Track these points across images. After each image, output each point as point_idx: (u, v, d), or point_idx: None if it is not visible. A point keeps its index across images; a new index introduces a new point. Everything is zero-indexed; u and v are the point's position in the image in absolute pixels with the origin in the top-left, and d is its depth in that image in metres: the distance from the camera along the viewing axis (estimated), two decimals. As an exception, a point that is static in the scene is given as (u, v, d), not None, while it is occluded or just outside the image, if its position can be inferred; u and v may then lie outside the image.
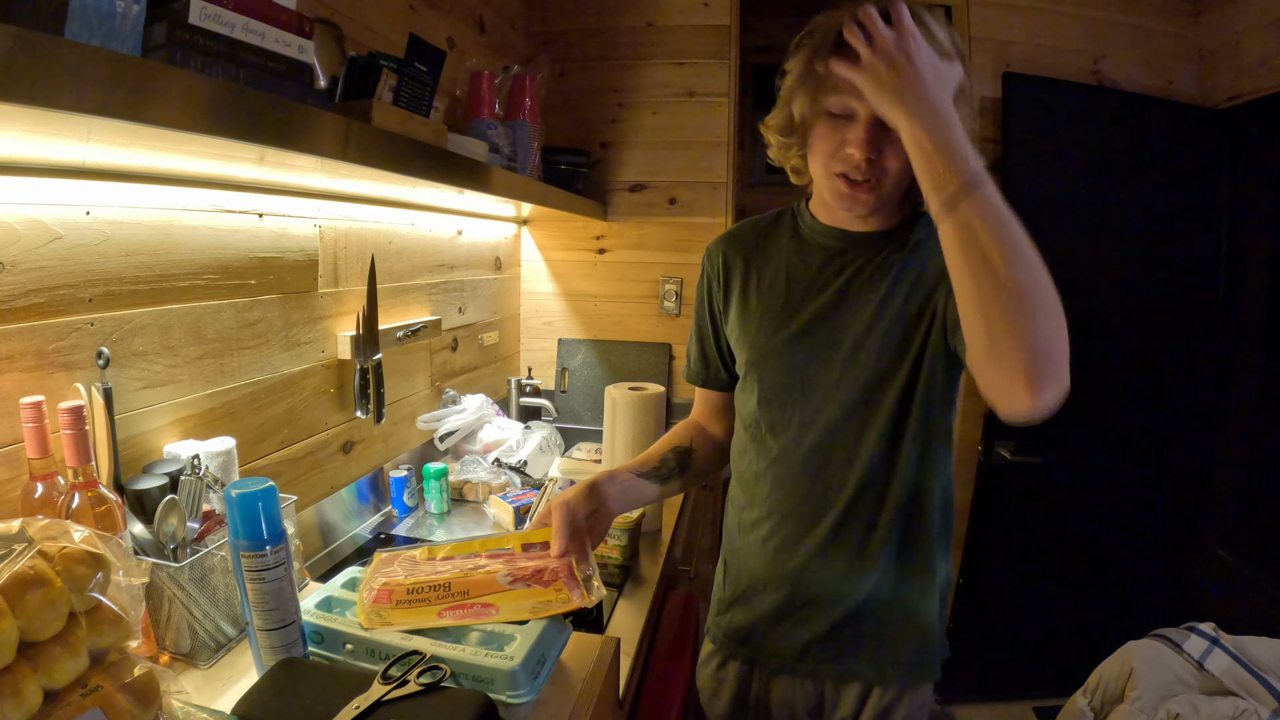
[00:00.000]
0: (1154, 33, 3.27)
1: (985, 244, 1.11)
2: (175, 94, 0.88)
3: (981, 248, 1.11)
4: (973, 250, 1.12)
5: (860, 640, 1.56)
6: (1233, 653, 2.15)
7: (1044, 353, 1.19)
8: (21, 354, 1.22)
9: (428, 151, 1.58)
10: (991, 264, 1.11)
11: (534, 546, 1.39)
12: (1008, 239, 1.11)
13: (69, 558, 0.88)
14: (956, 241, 1.13)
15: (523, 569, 1.33)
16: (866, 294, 1.46)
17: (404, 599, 1.25)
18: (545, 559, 1.35)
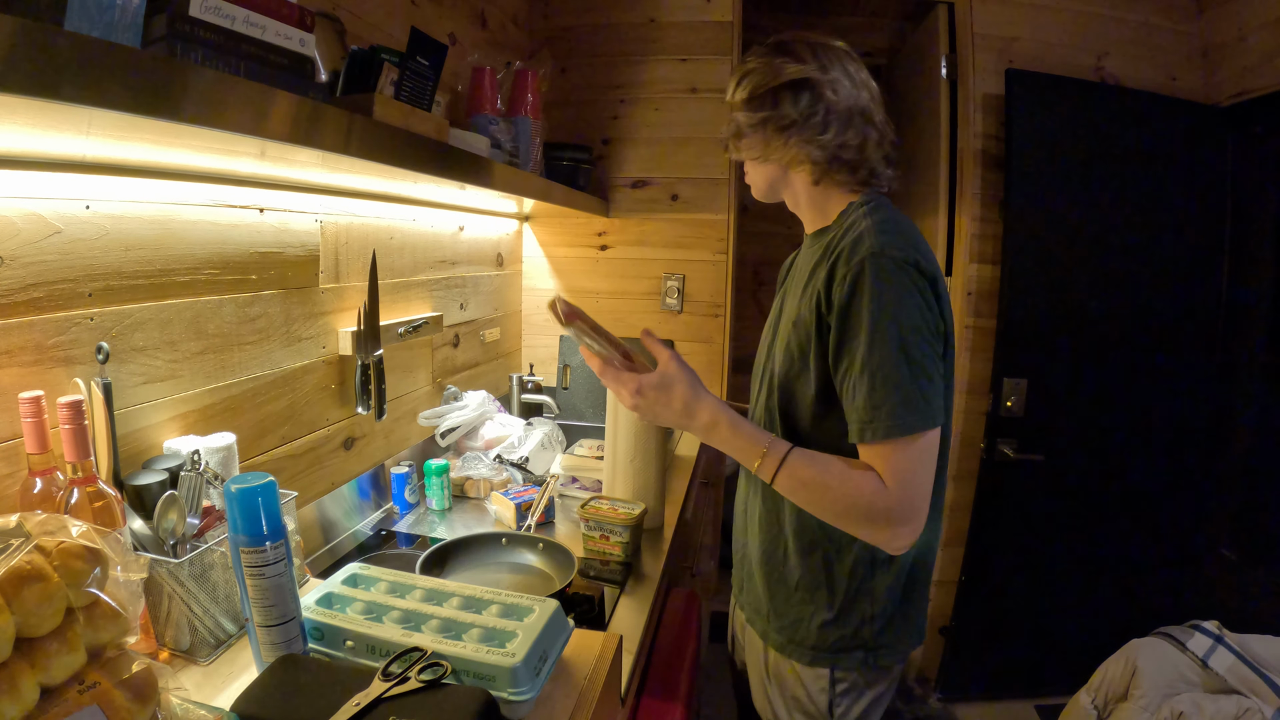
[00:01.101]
0: (1157, 30, 3.26)
1: (798, 500, 1.46)
2: (175, 86, 0.87)
3: (809, 505, 1.45)
4: (795, 499, 1.46)
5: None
6: (1237, 651, 2.14)
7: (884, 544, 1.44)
8: (21, 349, 1.22)
9: (429, 146, 1.57)
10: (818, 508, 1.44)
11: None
12: (812, 504, 1.44)
13: (66, 553, 0.87)
14: (793, 497, 1.46)
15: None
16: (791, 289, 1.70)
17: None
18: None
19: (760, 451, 1.41)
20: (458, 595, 1.31)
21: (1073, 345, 3.25)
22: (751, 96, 1.54)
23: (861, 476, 1.36)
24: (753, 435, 1.44)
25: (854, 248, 1.40)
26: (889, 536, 1.39)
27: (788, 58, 1.51)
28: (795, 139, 1.51)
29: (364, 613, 1.26)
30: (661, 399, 1.45)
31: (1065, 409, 3.29)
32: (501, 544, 1.91)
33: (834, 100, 1.49)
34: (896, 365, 1.33)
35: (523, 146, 2.46)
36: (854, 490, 1.36)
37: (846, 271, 1.38)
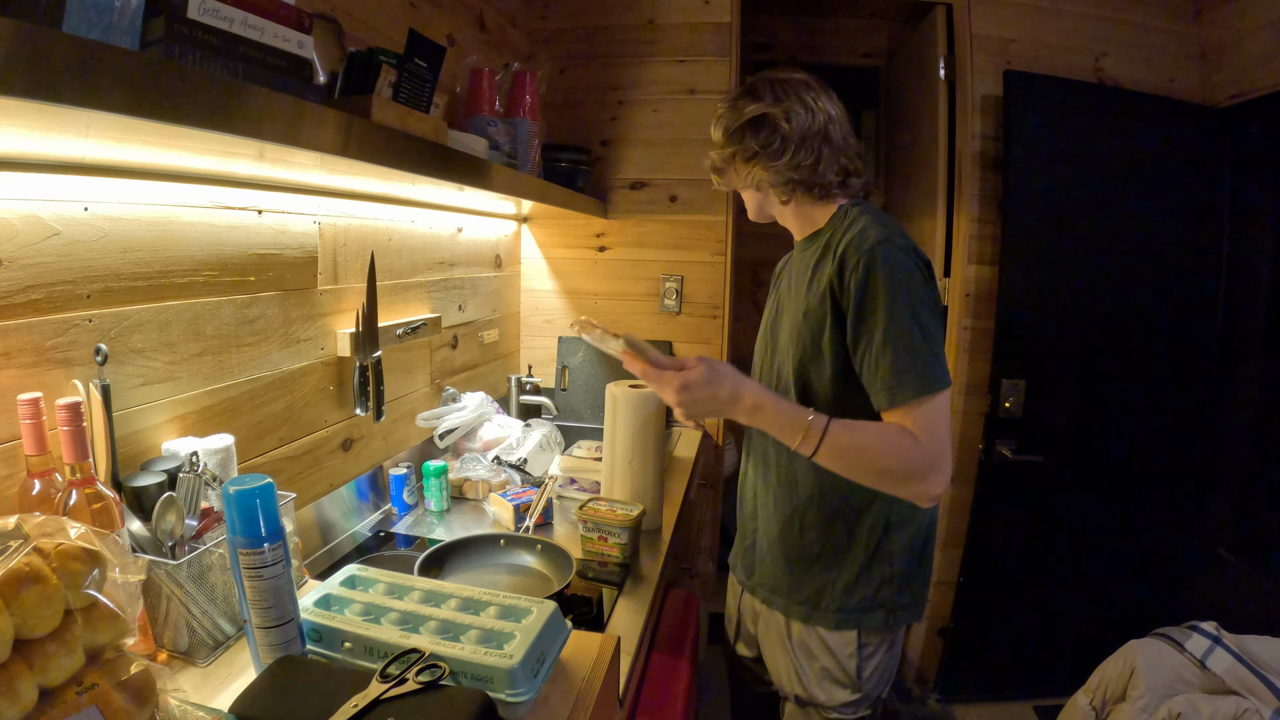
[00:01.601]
0: (1155, 31, 3.26)
1: (849, 473, 1.59)
2: (173, 89, 0.87)
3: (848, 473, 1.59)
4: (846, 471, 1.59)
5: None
6: (1235, 651, 2.15)
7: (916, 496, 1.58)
8: (19, 350, 1.22)
9: (427, 148, 1.57)
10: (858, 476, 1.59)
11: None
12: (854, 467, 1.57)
13: (65, 554, 0.87)
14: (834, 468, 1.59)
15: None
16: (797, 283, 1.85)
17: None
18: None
19: (804, 425, 1.54)
20: (456, 597, 1.31)
21: (1071, 346, 3.25)
22: (723, 135, 1.82)
23: (897, 433, 1.54)
24: (795, 411, 1.58)
25: (860, 240, 1.61)
26: (925, 487, 1.54)
27: (749, 98, 1.76)
28: (758, 166, 1.76)
29: (362, 614, 1.26)
30: (709, 391, 1.56)
31: (1064, 410, 3.29)
32: (500, 545, 1.91)
33: (788, 129, 1.71)
34: (913, 335, 1.53)
35: (521, 148, 2.46)
36: (892, 447, 1.53)
37: (859, 260, 1.58)
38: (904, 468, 1.54)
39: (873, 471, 1.56)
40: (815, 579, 1.80)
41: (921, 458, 1.52)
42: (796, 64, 4.26)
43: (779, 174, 1.74)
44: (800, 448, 1.56)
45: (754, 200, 1.91)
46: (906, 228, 3.62)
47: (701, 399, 1.56)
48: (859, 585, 1.76)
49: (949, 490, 3.39)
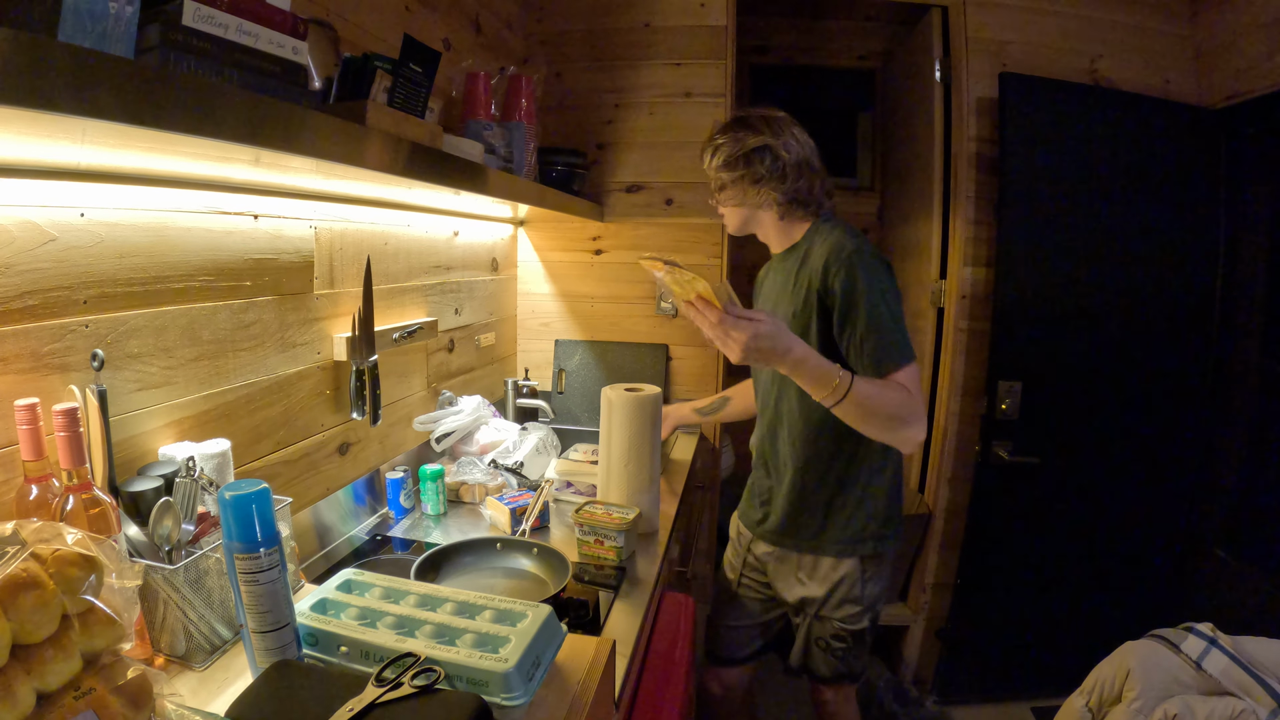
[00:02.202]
0: (1151, 32, 3.27)
1: (859, 420, 1.93)
2: (169, 96, 0.88)
3: (857, 420, 1.93)
4: (852, 420, 1.93)
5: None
6: (1231, 653, 2.15)
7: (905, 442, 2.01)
8: (16, 356, 1.22)
9: (423, 153, 1.57)
10: (868, 424, 1.94)
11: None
12: (870, 415, 1.91)
13: (62, 560, 0.88)
14: (844, 417, 1.93)
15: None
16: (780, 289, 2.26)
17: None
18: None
19: (835, 379, 1.84)
20: (451, 601, 1.31)
21: (1067, 347, 3.26)
22: (725, 162, 2.20)
23: (897, 387, 1.92)
24: (829, 365, 1.86)
25: (839, 249, 2.02)
26: (913, 432, 1.94)
27: (748, 131, 2.16)
28: (765, 188, 2.17)
29: (358, 618, 1.26)
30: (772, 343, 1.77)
31: (1060, 411, 3.29)
32: (496, 549, 1.91)
33: (787, 157, 2.14)
34: (888, 321, 1.96)
35: (517, 152, 2.46)
36: (896, 397, 1.91)
37: (840, 266, 1.99)
38: (902, 414, 1.91)
39: (880, 417, 1.91)
40: (817, 521, 2.25)
41: (913, 407, 1.92)
42: (792, 66, 4.30)
43: (784, 195, 2.17)
44: (827, 399, 1.86)
45: (739, 217, 2.30)
46: (903, 230, 3.66)
47: (764, 348, 1.76)
48: (852, 522, 2.22)
49: (946, 492, 3.43)
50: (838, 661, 2.35)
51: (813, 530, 2.26)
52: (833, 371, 1.85)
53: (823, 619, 2.31)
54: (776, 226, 2.27)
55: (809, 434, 2.20)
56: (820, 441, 2.19)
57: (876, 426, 1.94)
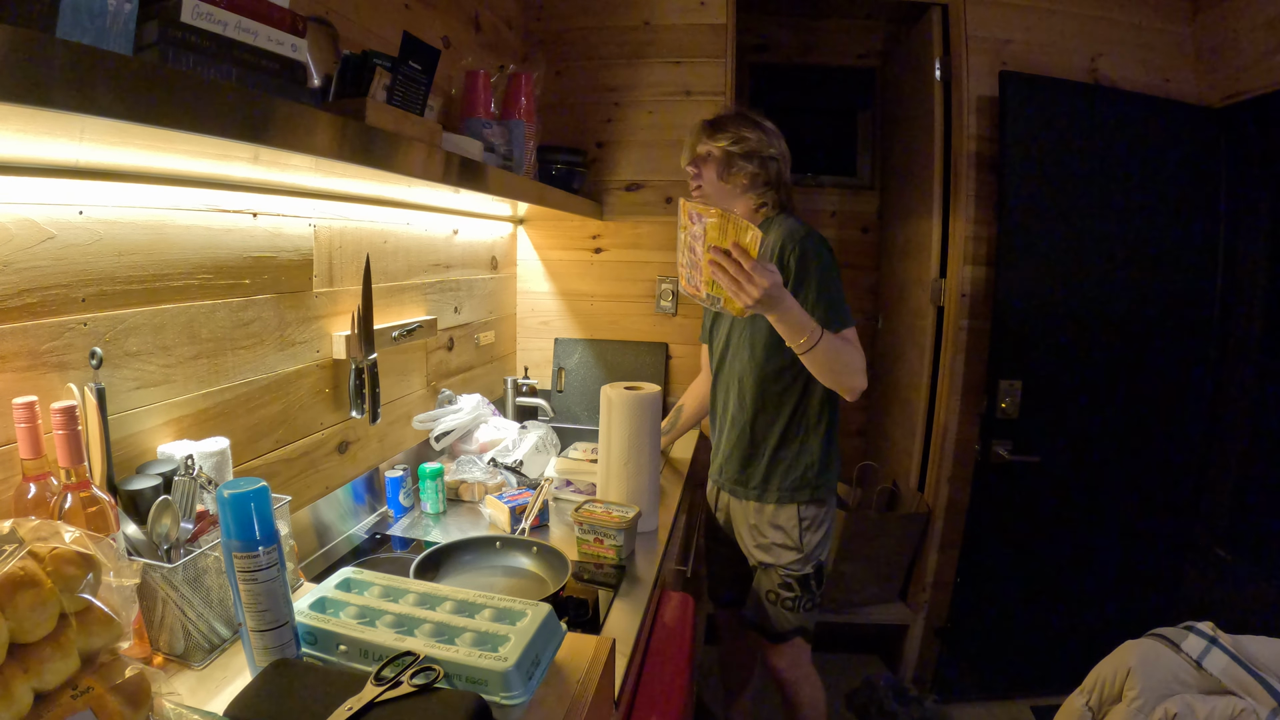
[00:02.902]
0: (1151, 31, 3.27)
1: (822, 366, 2.15)
2: (168, 92, 0.87)
3: (821, 366, 2.15)
4: (817, 366, 2.15)
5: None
6: (1231, 652, 2.14)
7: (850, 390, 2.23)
8: (14, 354, 1.22)
9: (422, 151, 1.57)
10: (828, 371, 2.18)
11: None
12: (832, 362, 2.14)
13: (59, 558, 0.87)
14: (810, 363, 2.14)
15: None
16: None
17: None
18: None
19: (811, 328, 2.06)
20: (450, 599, 1.31)
21: (1067, 346, 3.26)
22: (746, 154, 2.40)
23: (848, 342, 2.20)
24: (808, 317, 2.07)
25: (792, 233, 2.31)
26: (859, 380, 2.20)
27: (770, 137, 2.42)
28: (771, 192, 2.46)
29: (357, 617, 1.26)
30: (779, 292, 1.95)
31: (1060, 410, 3.29)
32: (496, 547, 1.91)
33: (783, 170, 2.46)
34: (835, 291, 2.26)
35: (516, 150, 2.46)
36: (850, 349, 2.19)
37: (794, 247, 2.27)
38: (854, 364, 2.18)
39: (838, 364, 2.15)
40: (760, 471, 2.51)
41: (861, 361, 2.20)
42: (792, 65, 4.30)
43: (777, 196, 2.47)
44: (802, 345, 2.06)
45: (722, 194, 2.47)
46: (903, 228, 3.67)
47: (775, 296, 1.92)
48: (790, 471, 2.47)
49: (946, 491, 3.42)
50: (787, 613, 2.53)
51: (758, 479, 2.51)
52: (811, 322, 2.07)
53: (768, 568, 2.54)
54: (748, 211, 2.50)
55: (756, 392, 2.46)
56: (766, 398, 2.46)
57: (833, 373, 2.18)
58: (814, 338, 2.07)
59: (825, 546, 2.56)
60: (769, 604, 2.55)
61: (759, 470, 2.51)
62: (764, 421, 2.49)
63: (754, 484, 2.53)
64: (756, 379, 2.46)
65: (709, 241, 1.91)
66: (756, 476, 2.52)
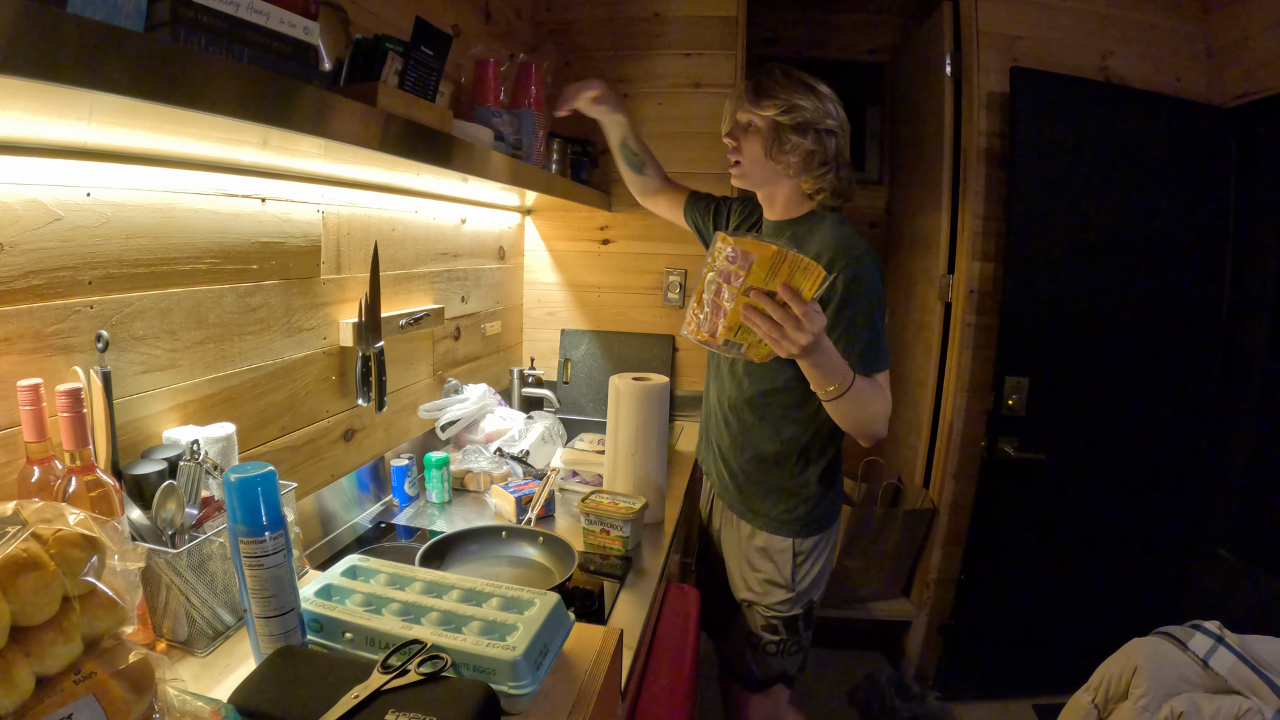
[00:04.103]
0: (1163, 30, 3.25)
1: (845, 415, 1.91)
2: (178, 71, 0.86)
3: (844, 414, 1.91)
4: (840, 413, 1.91)
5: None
6: (1237, 651, 2.14)
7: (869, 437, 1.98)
8: (20, 336, 1.21)
9: (432, 136, 1.56)
10: (849, 418, 1.93)
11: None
12: (857, 412, 1.89)
13: (63, 541, 0.87)
14: (834, 410, 1.90)
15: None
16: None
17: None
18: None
19: (844, 375, 1.80)
20: (458, 588, 1.30)
21: (1075, 344, 3.25)
22: (798, 125, 2.02)
23: (879, 388, 1.95)
24: (842, 361, 1.80)
25: (847, 247, 1.98)
26: (881, 429, 1.96)
27: (830, 105, 2.07)
28: (830, 176, 2.08)
29: (363, 605, 1.26)
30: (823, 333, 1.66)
31: (1067, 408, 3.28)
32: (501, 537, 1.90)
33: (843, 146, 2.09)
34: (881, 328, 2.00)
35: (526, 139, 2.44)
36: (879, 398, 1.94)
37: (848, 264, 1.94)
38: (881, 414, 1.95)
39: (864, 415, 1.91)
40: (754, 493, 2.26)
41: (888, 408, 1.97)
42: (802, 59, 4.27)
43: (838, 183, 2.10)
44: (829, 392, 1.82)
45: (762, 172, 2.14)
46: (911, 224, 3.65)
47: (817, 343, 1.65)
48: (787, 498, 2.21)
49: (951, 487, 3.41)
50: (769, 658, 2.31)
51: (751, 500, 2.27)
52: (844, 368, 1.80)
53: (752, 607, 2.31)
54: (789, 198, 2.16)
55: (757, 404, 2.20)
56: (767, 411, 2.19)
57: (854, 421, 1.93)
58: (844, 385, 1.80)
59: (822, 581, 2.30)
60: (749, 648, 2.33)
61: (753, 492, 2.27)
62: (762, 437, 2.22)
63: (750, 509, 2.28)
64: (759, 390, 2.19)
65: (749, 282, 1.57)
66: (750, 497, 2.28)
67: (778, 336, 1.60)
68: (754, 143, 2.08)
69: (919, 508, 3.55)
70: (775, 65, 2.13)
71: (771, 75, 2.08)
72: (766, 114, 2.03)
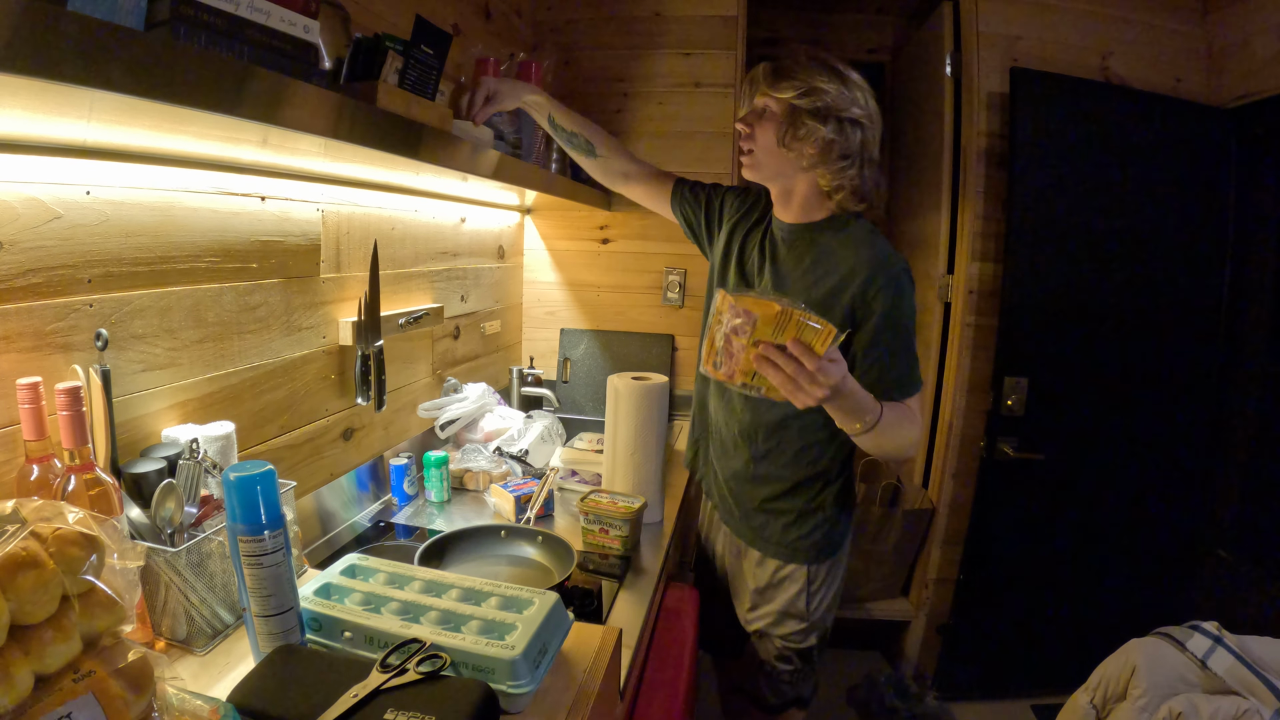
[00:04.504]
0: (1162, 30, 3.25)
1: (873, 445, 1.80)
2: (179, 69, 0.86)
3: (872, 445, 1.80)
4: (868, 445, 1.80)
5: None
6: (1236, 652, 2.14)
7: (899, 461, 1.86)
8: (19, 334, 1.21)
9: (432, 135, 1.56)
10: (881, 449, 1.84)
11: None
12: (885, 443, 1.79)
13: (62, 539, 0.86)
14: (861, 443, 1.80)
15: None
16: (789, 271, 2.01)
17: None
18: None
19: (870, 411, 1.70)
20: (457, 587, 1.30)
21: (1074, 345, 3.25)
22: (818, 110, 1.80)
23: (912, 418, 1.87)
24: (868, 398, 1.70)
25: (886, 261, 1.85)
26: (913, 450, 1.96)
27: (857, 92, 1.83)
28: (851, 171, 1.86)
29: (362, 604, 1.26)
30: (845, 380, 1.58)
31: (1066, 408, 3.28)
32: (500, 537, 1.91)
33: (870, 141, 1.87)
34: (912, 348, 1.89)
35: (526, 138, 2.45)
36: (910, 425, 1.84)
37: (888, 283, 1.82)
38: (912, 438, 1.86)
39: (894, 444, 1.82)
40: (771, 525, 2.11)
41: (919, 431, 1.90)
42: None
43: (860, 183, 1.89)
44: (855, 429, 1.74)
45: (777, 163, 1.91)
46: (910, 224, 3.65)
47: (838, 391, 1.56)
48: (798, 527, 2.08)
49: (950, 487, 3.41)
50: (784, 685, 2.26)
51: (765, 530, 2.12)
52: (871, 404, 1.69)
53: (765, 636, 2.21)
54: (806, 196, 1.95)
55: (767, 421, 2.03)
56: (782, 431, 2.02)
57: (883, 450, 1.84)
58: (872, 421, 1.70)
59: (835, 605, 2.20)
60: (762, 675, 2.27)
61: (765, 518, 2.13)
62: (779, 463, 2.07)
63: (758, 531, 2.15)
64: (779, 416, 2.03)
65: (757, 336, 1.52)
66: (761, 523, 2.14)
67: (793, 389, 1.53)
68: (768, 128, 1.87)
69: (918, 508, 3.55)
70: (801, 47, 1.91)
71: (794, 56, 1.86)
72: (783, 97, 1.82)
